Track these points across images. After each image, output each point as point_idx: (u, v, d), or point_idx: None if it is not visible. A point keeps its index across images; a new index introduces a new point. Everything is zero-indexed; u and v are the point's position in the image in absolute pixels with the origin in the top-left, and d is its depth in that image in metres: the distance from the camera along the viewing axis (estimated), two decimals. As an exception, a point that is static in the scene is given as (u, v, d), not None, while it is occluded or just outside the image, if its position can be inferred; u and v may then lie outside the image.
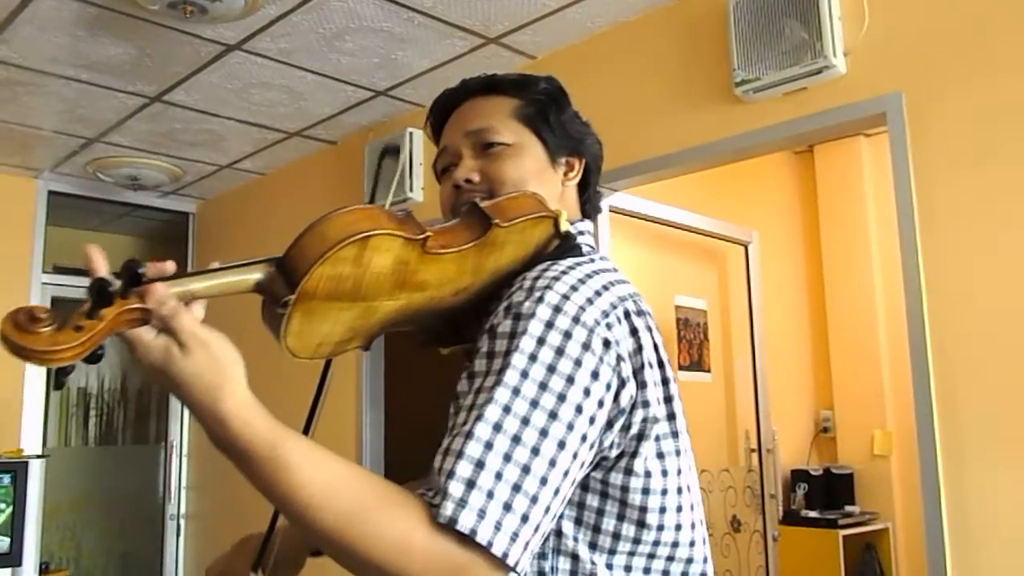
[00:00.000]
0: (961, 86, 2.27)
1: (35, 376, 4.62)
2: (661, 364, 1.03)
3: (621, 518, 0.98)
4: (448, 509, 0.82)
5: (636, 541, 0.98)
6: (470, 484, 0.83)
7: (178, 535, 5.16)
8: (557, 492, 0.88)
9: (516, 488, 0.84)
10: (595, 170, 1.27)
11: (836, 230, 4.86)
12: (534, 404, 0.89)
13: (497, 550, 0.82)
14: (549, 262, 1.04)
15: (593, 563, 0.97)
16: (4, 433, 4.37)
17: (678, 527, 1.01)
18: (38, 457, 4.40)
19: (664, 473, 1.00)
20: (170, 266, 0.83)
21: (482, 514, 0.82)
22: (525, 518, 0.84)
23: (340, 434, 3.97)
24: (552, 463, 0.87)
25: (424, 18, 3.00)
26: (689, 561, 1.03)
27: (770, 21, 2.59)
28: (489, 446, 0.85)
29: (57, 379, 0.79)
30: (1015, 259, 2.16)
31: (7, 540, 4.01)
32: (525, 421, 0.88)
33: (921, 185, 2.32)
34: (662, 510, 0.99)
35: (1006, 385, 2.15)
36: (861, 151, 4.71)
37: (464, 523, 0.81)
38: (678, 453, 1.02)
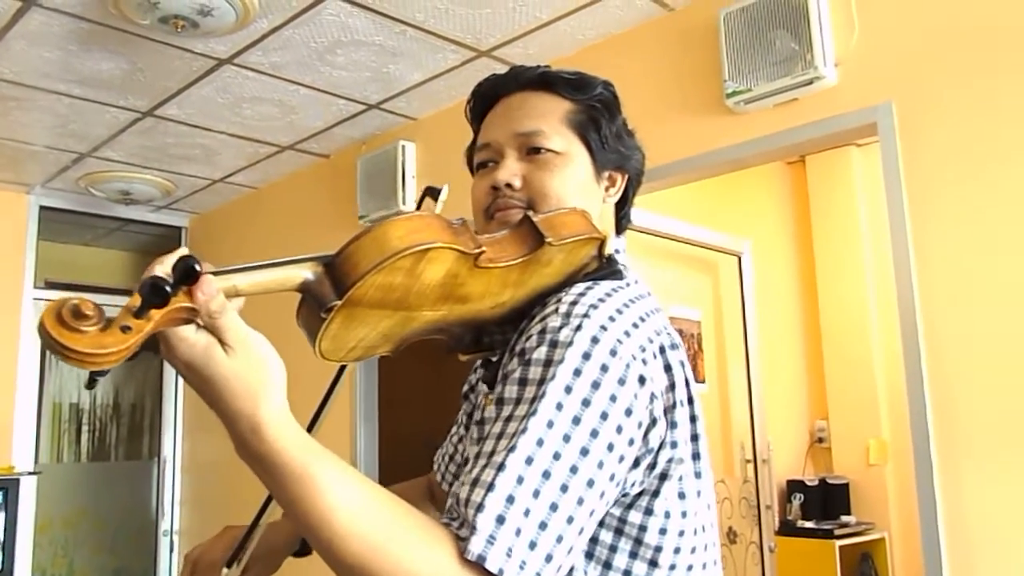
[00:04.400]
0: (952, 96, 2.28)
1: (27, 392, 4.60)
2: (691, 400, 1.00)
3: (634, 556, 0.95)
4: (477, 546, 0.79)
5: None
6: (500, 520, 0.80)
7: (171, 551, 5.13)
8: (581, 532, 0.86)
9: (543, 526, 0.82)
10: (635, 186, 1.21)
11: (828, 240, 4.87)
12: (566, 439, 0.85)
13: None
14: (586, 285, 1.00)
15: None
16: (-5, 450, 4.34)
17: (689, 568, 0.98)
18: (30, 474, 4.37)
19: (683, 514, 0.97)
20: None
21: (509, 553, 0.79)
22: (549, 558, 0.82)
23: (334, 446, 3.94)
24: (580, 502, 0.85)
25: (416, 31, 3.00)
26: None
27: (760, 32, 2.60)
28: (520, 480, 0.82)
29: (91, 380, 0.72)
30: (1008, 266, 2.16)
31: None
32: (556, 456, 0.84)
33: (913, 194, 2.33)
34: (676, 551, 0.96)
35: (1001, 393, 2.15)
36: (852, 161, 4.73)
37: (492, 562, 0.78)
38: (699, 494, 0.99)
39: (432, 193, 1.10)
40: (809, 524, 4.35)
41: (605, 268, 1.06)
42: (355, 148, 4.09)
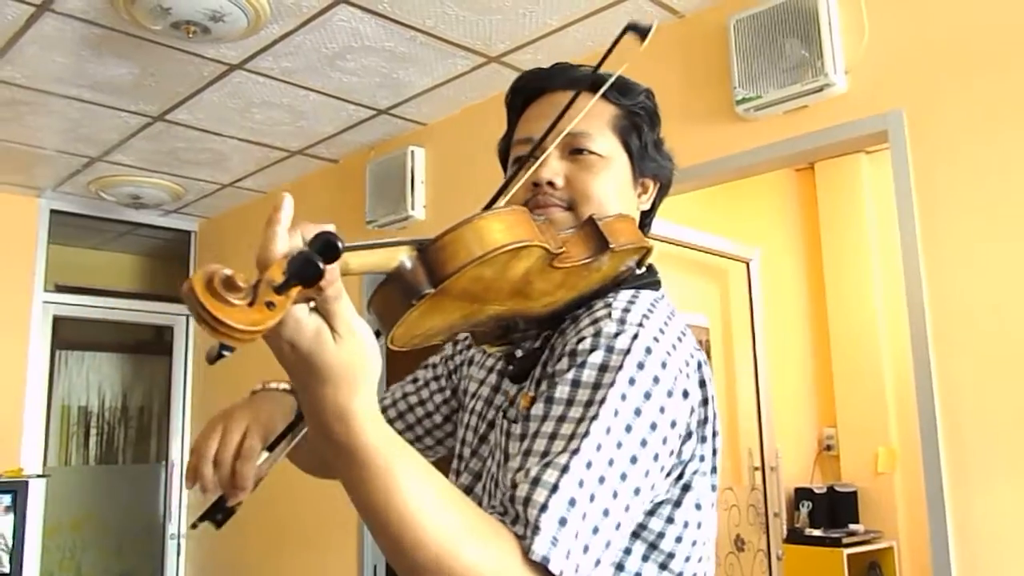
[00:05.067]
0: (963, 103, 2.28)
1: (36, 395, 4.62)
2: (715, 416, 1.01)
3: (645, 559, 0.96)
4: (541, 547, 0.78)
5: None
6: (562, 522, 0.80)
7: (178, 554, 5.14)
8: (624, 536, 0.88)
9: (595, 531, 0.83)
10: (664, 195, 1.22)
11: (837, 246, 4.86)
12: (619, 446, 0.87)
13: None
14: (632, 292, 1.02)
15: None
16: (4, 452, 4.36)
17: (694, 575, 1.00)
18: (39, 477, 4.38)
19: (699, 525, 0.99)
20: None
21: (568, 555, 0.80)
22: (598, 562, 0.83)
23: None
24: (627, 509, 0.86)
25: (426, 37, 3.01)
26: None
27: (770, 39, 2.60)
28: (581, 484, 0.83)
29: (219, 355, 0.68)
30: (1019, 274, 2.16)
31: (7, 559, 3.99)
32: (610, 463, 0.85)
33: (923, 202, 2.32)
34: (686, 559, 0.98)
35: (1012, 401, 2.14)
36: (861, 168, 4.72)
37: (556, 564, 0.78)
38: (712, 505, 1.02)
39: (638, 31, 1.07)
40: (817, 532, 4.33)
41: (645, 277, 1.08)
42: (364, 153, 4.10)
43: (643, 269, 1.11)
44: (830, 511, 4.44)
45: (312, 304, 0.71)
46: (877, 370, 4.57)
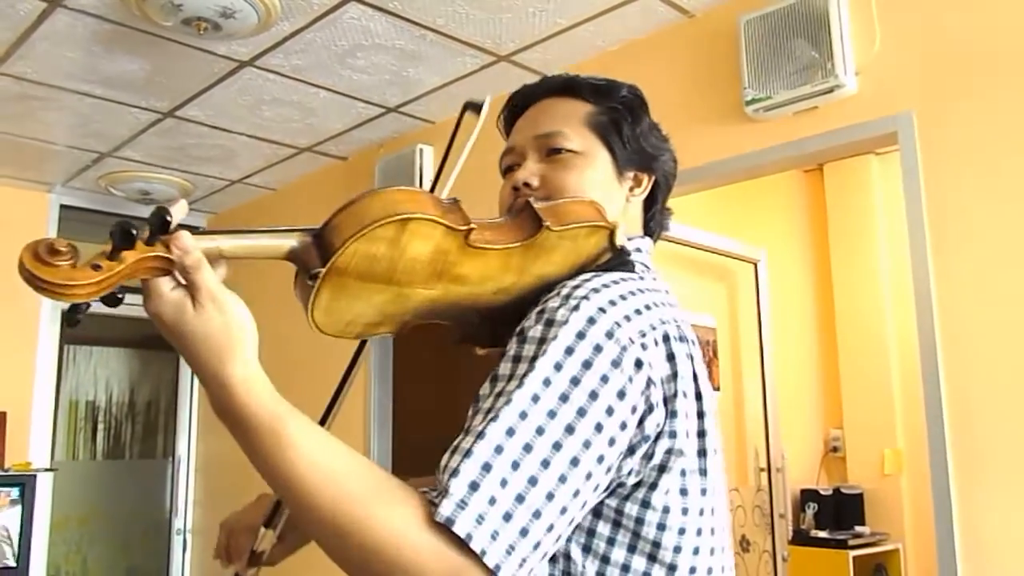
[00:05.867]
0: (972, 105, 2.27)
1: (44, 389, 4.64)
2: (699, 396, 0.97)
3: (632, 550, 0.93)
4: (447, 508, 0.78)
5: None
6: (473, 486, 0.79)
7: (184, 550, 5.16)
8: (564, 511, 0.83)
9: (519, 499, 0.80)
10: (665, 188, 1.22)
11: (845, 248, 4.85)
12: (551, 415, 0.84)
13: (490, 561, 0.77)
14: (593, 273, 1.00)
15: None
16: (13, 446, 4.38)
17: (692, 570, 0.95)
18: (46, 470, 4.40)
19: (684, 511, 0.94)
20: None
21: (480, 519, 0.78)
22: (524, 532, 0.80)
23: (348, 432, 3.95)
24: (562, 479, 0.83)
25: (436, 36, 3.01)
26: None
27: (781, 40, 2.60)
28: (499, 450, 0.81)
29: (70, 316, 0.77)
30: (1027, 279, 2.15)
31: (11, 552, 4.01)
32: (539, 431, 0.83)
33: (933, 204, 2.32)
34: (676, 549, 0.94)
35: (1020, 403, 2.13)
36: (871, 169, 4.71)
37: (461, 526, 0.77)
38: (703, 492, 0.96)
39: (473, 108, 1.10)
40: (823, 534, 4.32)
41: (615, 259, 1.05)
42: (373, 151, 4.11)
43: (613, 252, 1.07)
44: (836, 513, 4.43)
45: (178, 280, 0.79)
46: (884, 372, 4.56)
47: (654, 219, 1.22)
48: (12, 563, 4.00)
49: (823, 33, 2.50)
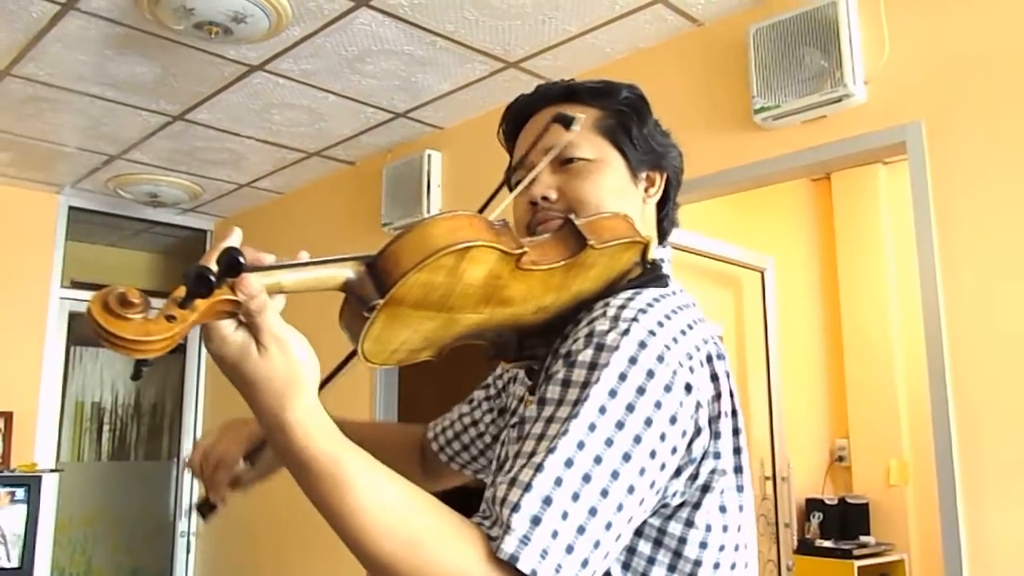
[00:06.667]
0: (981, 115, 2.27)
1: (50, 390, 4.65)
2: (735, 412, 0.98)
3: (672, 569, 0.93)
4: (510, 545, 0.78)
5: None
6: (535, 520, 0.79)
7: (188, 552, 5.16)
8: (618, 538, 0.85)
9: (580, 530, 0.80)
10: (676, 184, 1.20)
11: (852, 257, 4.84)
12: (608, 443, 0.84)
13: None
14: (634, 290, 1.00)
15: None
16: (19, 446, 4.39)
17: None
18: (52, 471, 4.42)
19: (724, 528, 0.95)
20: (268, 257, 0.77)
21: (544, 555, 0.78)
22: (585, 563, 0.81)
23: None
24: (619, 508, 0.83)
25: (446, 42, 3.02)
26: None
27: (790, 49, 2.60)
28: (559, 482, 0.81)
29: (137, 370, 0.73)
30: (1036, 290, 2.15)
31: (14, 554, 4.02)
32: (597, 460, 0.83)
33: (941, 214, 2.32)
34: (716, 566, 0.95)
35: (1026, 417, 2.13)
36: (878, 178, 4.70)
37: (526, 562, 0.77)
38: (740, 509, 0.98)
39: (563, 121, 1.06)
40: (828, 543, 4.31)
41: (649, 273, 1.05)
42: (381, 156, 4.12)
43: (647, 265, 1.08)
44: (841, 522, 4.42)
45: (240, 319, 0.75)
46: (890, 381, 4.55)
47: (667, 218, 1.21)
48: (17, 563, 4.00)
49: (832, 42, 2.51)
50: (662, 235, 1.21)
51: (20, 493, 4.09)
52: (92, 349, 5.78)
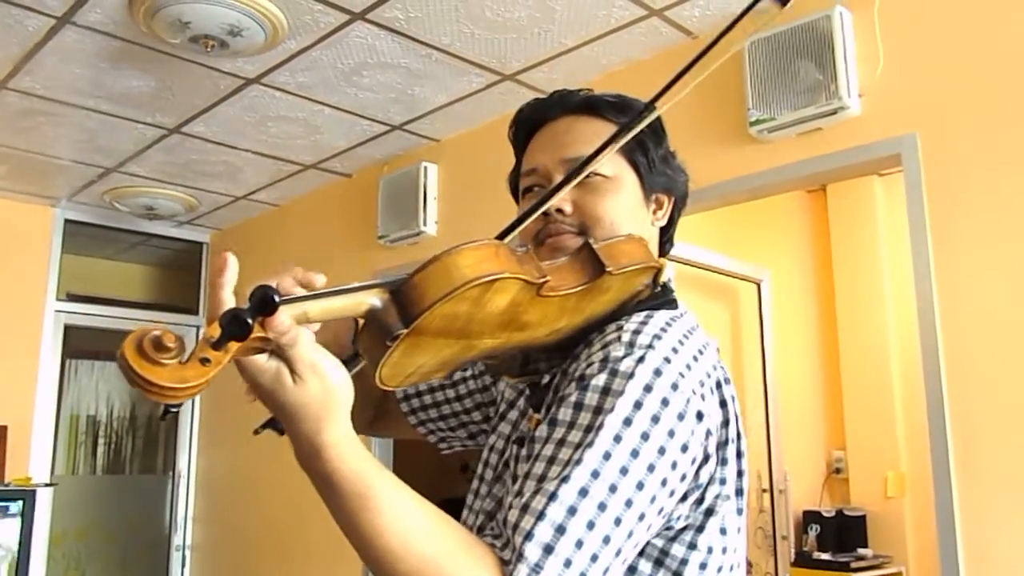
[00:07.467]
0: (976, 128, 2.28)
1: (45, 403, 4.63)
2: (739, 436, 0.99)
3: None
4: (522, 573, 0.79)
5: None
6: (548, 549, 0.80)
7: (183, 566, 5.13)
8: (625, 562, 0.87)
9: (594, 558, 0.82)
10: (681, 208, 1.20)
11: (848, 269, 4.84)
12: (623, 472, 0.85)
13: None
14: (646, 313, 1.00)
15: None
16: (13, 460, 4.37)
17: None
18: (46, 485, 4.39)
19: (724, 550, 0.97)
20: (293, 287, 0.78)
21: None
22: None
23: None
24: (629, 535, 0.85)
25: (441, 55, 3.03)
26: None
27: (785, 62, 2.61)
28: (572, 511, 0.82)
29: (166, 412, 0.72)
30: (1031, 302, 2.15)
31: (6, 568, 3.99)
32: (612, 489, 0.84)
33: (936, 226, 2.32)
34: None
35: None
36: (874, 190, 4.71)
37: None
38: (739, 530, 0.99)
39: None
40: (825, 556, 4.30)
41: (660, 296, 1.05)
42: (377, 168, 4.12)
43: (658, 288, 1.08)
44: (839, 535, 4.40)
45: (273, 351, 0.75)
46: (887, 393, 4.54)
47: (669, 241, 1.20)
48: (8, 578, 3.98)
49: (827, 55, 2.51)
50: (663, 254, 1.20)
51: (14, 507, 4.07)
52: (87, 362, 5.76)
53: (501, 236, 0.95)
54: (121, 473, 5.81)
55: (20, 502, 4.07)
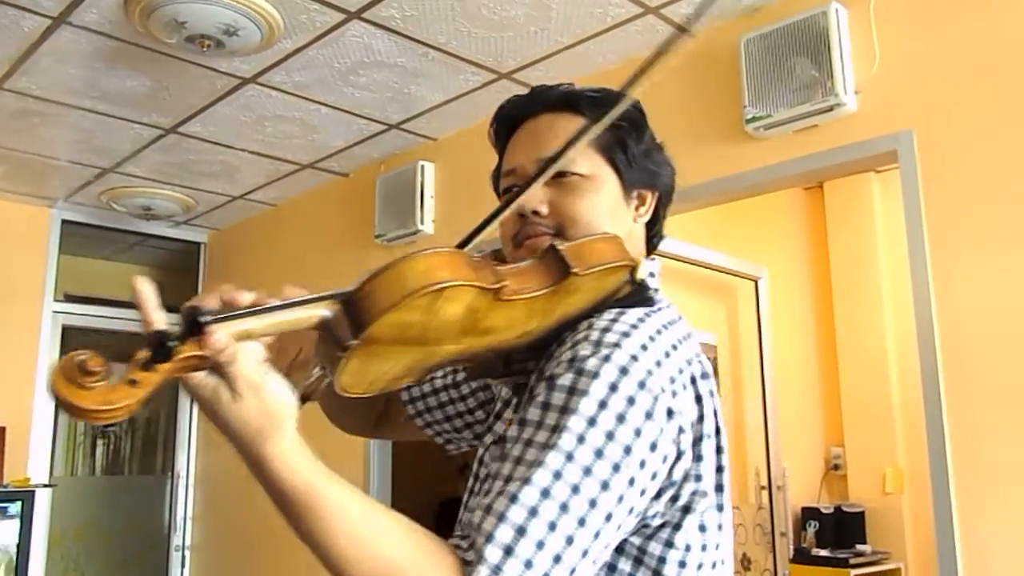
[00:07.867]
0: (972, 124, 2.28)
1: (44, 404, 4.63)
2: (718, 431, 0.98)
3: None
4: (483, 575, 0.79)
5: None
6: (508, 551, 0.80)
7: (183, 566, 5.13)
8: (595, 562, 0.86)
9: (557, 559, 0.81)
10: (666, 203, 1.17)
11: (846, 265, 4.85)
12: (587, 472, 0.84)
13: None
14: (617, 311, 0.98)
15: None
16: (12, 461, 4.37)
17: None
18: (45, 486, 4.39)
19: (703, 547, 0.95)
20: (245, 297, 0.78)
21: None
22: None
23: (348, 451, 3.95)
24: (596, 535, 0.84)
25: (438, 53, 3.03)
26: None
27: (781, 59, 2.61)
28: (534, 512, 0.82)
29: (103, 430, 0.74)
30: (1028, 297, 2.15)
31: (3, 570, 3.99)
32: (575, 489, 0.83)
33: (933, 222, 2.32)
34: None
35: (1022, 421, 2.13)
36: (871, 187, 4.72)
37: None
38: (720, 528, 0.98)
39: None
40: (824, 552, 4.31)
41: (636, 294, 1.04)
42: (374, 167, 4.12)
43: (635, 285, 1.05)
44: (837, 531, 4.41)
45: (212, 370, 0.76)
46: (885, 389, 4.55)
47: (656, 236, 1.18)
48: (8, 579, 3.98)
49: (823, 52, 2.52)
50: (651, 249, 1.18)
51: (13, 508, 4.07)
52: (85, 363, 5.75)
53: (467, 239, 0.94)
54: (120, 474, 5.81)
55: (19, 503, 4.07)
